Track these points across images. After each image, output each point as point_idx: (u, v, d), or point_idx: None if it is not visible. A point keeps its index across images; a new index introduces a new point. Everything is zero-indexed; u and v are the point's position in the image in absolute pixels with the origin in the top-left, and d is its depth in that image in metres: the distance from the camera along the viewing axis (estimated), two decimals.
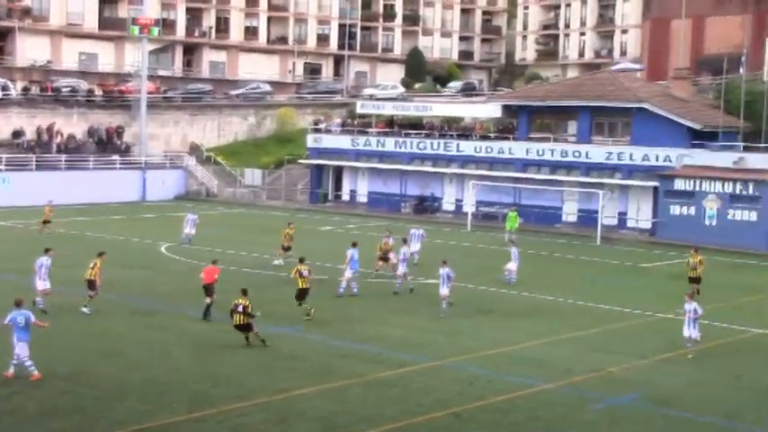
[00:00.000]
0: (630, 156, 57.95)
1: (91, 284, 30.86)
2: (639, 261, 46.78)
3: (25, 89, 74.94)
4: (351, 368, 24.76)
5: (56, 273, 36.45)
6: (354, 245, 35.69)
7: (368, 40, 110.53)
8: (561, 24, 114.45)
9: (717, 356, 27.74)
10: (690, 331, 27.38)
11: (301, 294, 30.72)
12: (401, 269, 36.04)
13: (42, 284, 30.50)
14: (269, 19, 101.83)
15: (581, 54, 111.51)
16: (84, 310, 30.35)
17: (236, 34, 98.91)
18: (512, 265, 38.52)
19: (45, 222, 48.81)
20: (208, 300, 30.44)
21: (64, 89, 75.21)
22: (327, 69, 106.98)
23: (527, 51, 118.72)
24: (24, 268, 36.25)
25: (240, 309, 26.66)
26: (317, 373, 24.20)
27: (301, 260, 31.53)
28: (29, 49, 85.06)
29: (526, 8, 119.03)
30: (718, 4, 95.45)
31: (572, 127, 63.06)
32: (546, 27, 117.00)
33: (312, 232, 50.52)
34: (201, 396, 22.02)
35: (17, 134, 68.61)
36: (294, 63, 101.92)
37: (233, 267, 40.36)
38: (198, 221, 47.43)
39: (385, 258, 38.72)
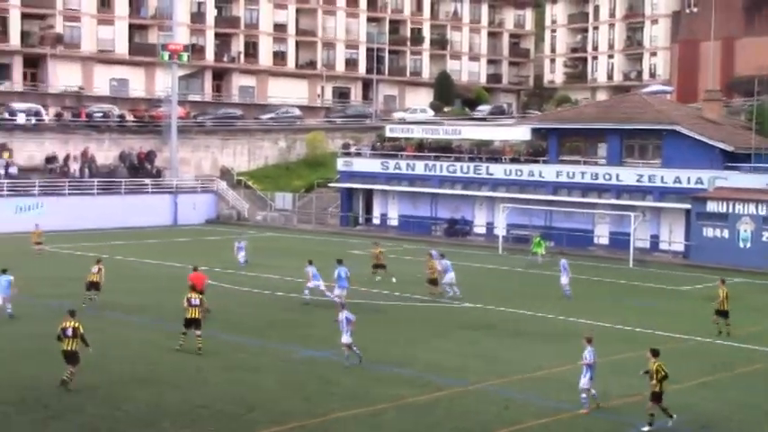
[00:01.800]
0: (662, 178, 57.61)
1: (95, 285, 34.30)
2: (673, 284, 46.39)
3: (58, 115, 75.67)
4: (386, 392, 24.66)
5: (99, 299, 36.58)
6: (340, 262, 36.80)
7: (396, 63, 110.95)
8: (589, 47, 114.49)
9: (755, 380, 27.40)
10: (583, 381, 23.70)
11: (189, 323, 28.84)
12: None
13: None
14: (297, 44, 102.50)
15: (610, 77, 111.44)
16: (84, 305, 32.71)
17: (265, 59, 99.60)
18: (564, 279, 40.29)
19: (38, 244, 51.41)
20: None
21: (96, 115, 75.92)
22: (356, 93, 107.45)
23: (555, 74, 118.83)
24: (59, 293, 36.57)
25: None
26: (352, 396, 24.13)
27: (192, 288, 30.46)
28: (61, 76, 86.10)
29: (554, 31, 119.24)
30: (749, 26, 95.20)
31: (602, 149, 62.80)
32: (574, 50, 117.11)
33: (342, 255, 50.34)
34: (237, 420, 22.00)
35: (50, 160, 69.26)
36: (323, 87, 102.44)
37: (266, 291, 40.45)
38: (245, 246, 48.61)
39: (434, 281, 39.59)
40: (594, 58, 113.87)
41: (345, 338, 27.15)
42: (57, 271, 42.64)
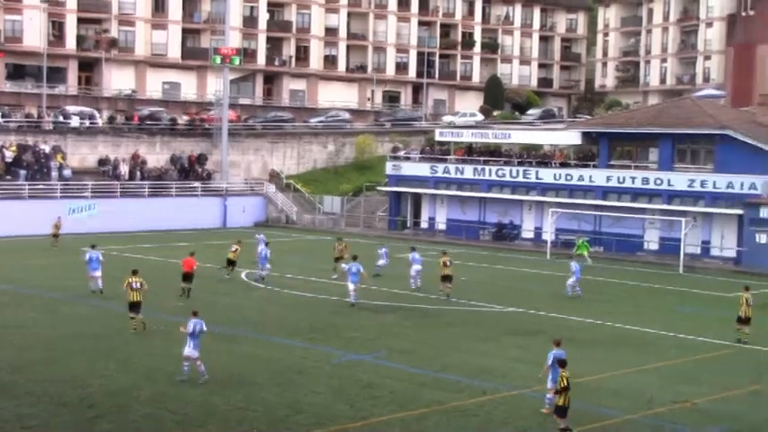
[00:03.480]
0: (714, 183, 56.93)
1: (136, 306, 31.43)
2: (724, 290, 45.78)
3: (111, 118, 76.65)
4: (431, 396, 24.63)
5: (148, 299, 37.06)
6: (355, 258, 38.58)
7: (446, 67, 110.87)
8: (642, 51, 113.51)
9: None
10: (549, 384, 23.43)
11: (132, 307, 31.31)
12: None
13: None
14: (348, 48, 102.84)
15: (662, 81, 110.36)
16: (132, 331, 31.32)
17: (315, 63, 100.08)
18: (571, 281, 41.30)
19: (55, 236, 54.78)
20: (184, 285, 37.39)
21: (148, 119, 76.78)
22: (406, 97, 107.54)
23: (607, 78, 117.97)
24: (107, 295, 37.07)
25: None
26: (396, 400, 24.12)
27: (134, 272, 31.94)
28: (115, 79, 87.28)
29: (606, 35, 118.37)
30: None
31: (653, 154, 62.22)
32: (626, 54, 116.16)
33: (391, 259, 50.37)
34: (282, 422, 22.10)
35: (103, 162, 70.17)
36: (373, 91, 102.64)
37: (313, 295, 40.59)
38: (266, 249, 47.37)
39: (447, 278, 40.04)
40: (647, 61, 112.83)
41: (189, 351, 25.33)
42: (109, 271, 43.11)
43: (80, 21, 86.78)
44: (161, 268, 45.91)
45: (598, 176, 61.68)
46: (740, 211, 55.08)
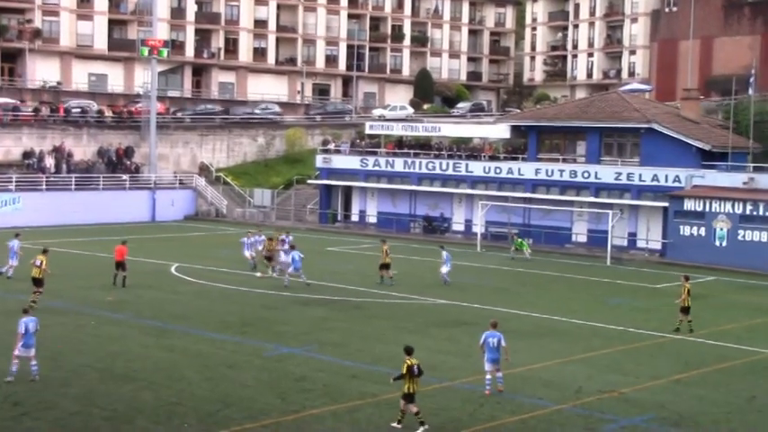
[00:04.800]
0: (640, 176, 57.88)
1: (38, 282, 34.64)
2: (650, 282, 46.64)
3: (36, 110, 75.22)
4: (362, 388, 24.69)
5: (69, 292, 36.71)
6: (293, 247, 41.21)
7: (376, 61, 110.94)
8: (569, 45, 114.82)
9: (730, 377, 27.59)
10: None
11: (36, 282, 34.67)
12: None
13: None
14: (277, 40, 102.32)
15: (589, 75, 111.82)
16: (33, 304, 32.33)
17: (244, 55, 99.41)
18: (444, 269, 42.28)
19: None
20: (117, 272, 38.81)
21: (74, 110, 75.52)
22: (336, 90, 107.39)
23: (535, 72, 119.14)
24: (24, 288, 36.46)
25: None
26: (328, 393, 24.14)
27: (44, 251, 35.87)
28: (39, 71, 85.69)
29: (534, 29, 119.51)
30: (727, 26, 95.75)
31: (581, 147, 63.02)
32: (554, 48, 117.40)
33: (321, 252, 50.40)
34: (213, 417, 21.97)
35: (28, 155, 68.86)
36: (303, 84, 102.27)
37: (244, 288, 40.41)
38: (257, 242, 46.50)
39: (386, 266, 42.15)
40: (574, 56, 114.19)
41: (23, 351, 24.32)
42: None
43: (2, 10, 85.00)
44: (89, 262, 45.28)
45: (527, 169, 62.31)
46: (665, 204, 56.08)
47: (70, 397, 23.13)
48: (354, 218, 70.46)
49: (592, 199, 59.29)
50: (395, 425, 21.57)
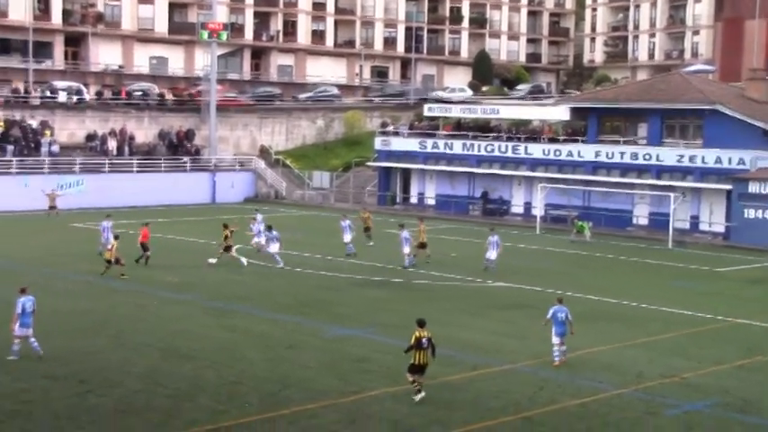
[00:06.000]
0: (703, 158, 56.98)
1: (117, 261, 36.58)
2: (713, 265, 46.00)
3: (99, 93, 76.24)
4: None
5: (132, 273, 37.25)
6: (270, 228, 41.91)
7: (435, 42, 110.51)
8: (630, 26, 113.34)
9: None
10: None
11: (111, 262, 36.61)
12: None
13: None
14: (336, 22, 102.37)
15: (651, 56, 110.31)
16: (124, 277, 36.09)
17: (303, 38, 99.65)
18: (491, 254, 40.81)
19: (52, 208, 57.67)
20: (142, 252, 39.65)
21: (136, 93, 76.42)
22: (394, 72, 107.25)
23: (595, 53, 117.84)
24: (95, 269, 37.04)
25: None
26: (387, 375, 24.18)
27: (116, 237, 37.74)
28: (102, 54, 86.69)
29: (594, 10, 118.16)
30: None
31: (642, 129, 62.27)
32: (615, 29, 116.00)
33: (379, 235, 50.39)
34: (273, 396, 22.15)
35: (91, 137, 69.86)
36: (361, 66, 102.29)
37: (305, 270, 40.58)
38: (353, 226, 45.73)
39: (423, 245, 42.08)
40: (635, 36, 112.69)
41: (22, 330, 24.50)
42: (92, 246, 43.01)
43: None
44: (152, 244, 45.80)
45: (587, 152, 61.71)
46: (729, 186, 55.19)
47: (133, 375, 23.47)
48: (413, 200, 70.44)
49: (653, 181, 58.53)
50: (415, 397, 21.72)
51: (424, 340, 21.83)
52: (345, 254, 44.13)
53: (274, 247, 40.93)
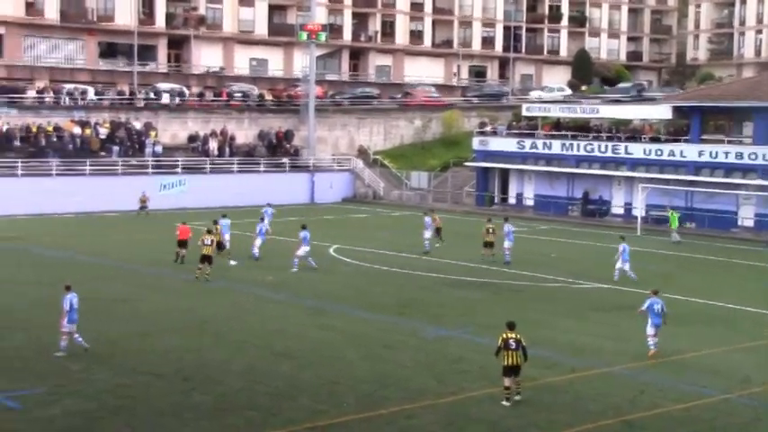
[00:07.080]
0: None
1: (207, 259, 36.35)
2: None
3: (200, 95, 77.65)
4: (521, 372, 24.46)
5: (231, 272, 37.79)
6: (304, 227, 39.73)
7: (533, 41, 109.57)
8: (736, 22, 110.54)
9: None
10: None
11: (203, 259, 36.26)
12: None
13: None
14: (434, 22, 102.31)
15: (758, 53, 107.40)
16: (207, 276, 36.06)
17: (401, 38, 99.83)
18: (624, 264, 38.99)
19: (143, 209, 59.02)
20: (179, 250, 39.98)
21: (236, 94, 77.61)
22: (492, 72, 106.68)
23: (699, 51, 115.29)
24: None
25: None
26: (485, 375, 24.03)
27: (209, 231, 37.58)
28: (203, 57, 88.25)
29: (698, 6, 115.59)
30: None
31: (748, 128, 60.67)
32: (719, 25, 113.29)
33: (477, 235, 50.16)
34: (370, 396, 22.21)
35: (193, 138, 71.20)
36: (459, 66, 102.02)
37: (401, 270, 40.63)
38: (431, 224, 46.55)
39: (489, 244, 42.41)
40: (741, 33, 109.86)
41: (68, 327, 24.74)
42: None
43: None
44: (249, 243, 46.42)
45: (690, 151, 60.42)
46: None
47: (234, 373, 23.79)
48: (511, 200, 69.95)
49: (760, 182, 56.98)
50: (504, 403, 21.53)
51: (511, 341, 21.78)
52: (423, 251, 44.78)
53: (303, 250, 39.31)
